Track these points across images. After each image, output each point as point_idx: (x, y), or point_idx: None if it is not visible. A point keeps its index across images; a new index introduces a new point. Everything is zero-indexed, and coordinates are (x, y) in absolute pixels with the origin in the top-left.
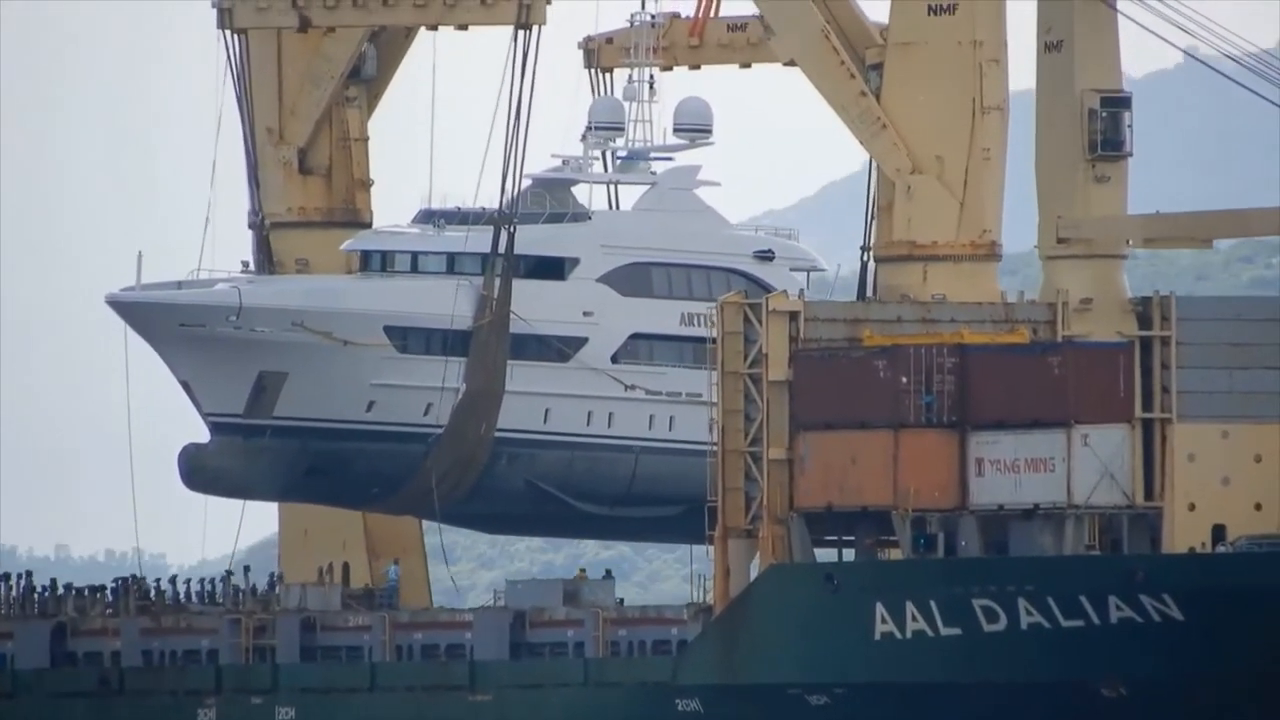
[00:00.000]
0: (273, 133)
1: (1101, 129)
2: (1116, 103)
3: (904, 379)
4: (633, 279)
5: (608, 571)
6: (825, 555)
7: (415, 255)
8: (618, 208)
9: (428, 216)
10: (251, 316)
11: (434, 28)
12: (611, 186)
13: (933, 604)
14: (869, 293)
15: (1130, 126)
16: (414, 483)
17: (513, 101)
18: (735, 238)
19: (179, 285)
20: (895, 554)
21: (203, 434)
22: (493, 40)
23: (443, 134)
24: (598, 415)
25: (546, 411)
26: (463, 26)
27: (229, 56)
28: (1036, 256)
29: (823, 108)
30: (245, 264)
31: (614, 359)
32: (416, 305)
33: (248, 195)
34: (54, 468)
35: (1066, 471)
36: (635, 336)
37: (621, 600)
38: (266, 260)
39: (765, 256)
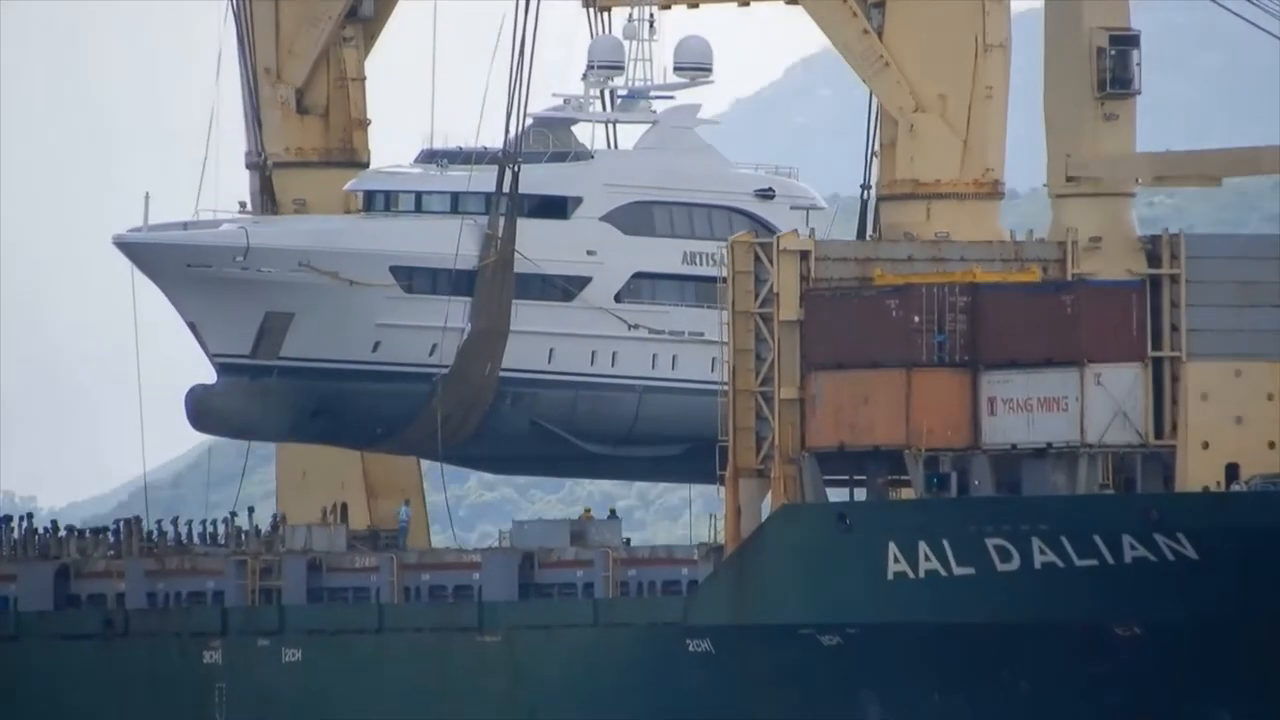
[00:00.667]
0: (270, 73)
1: (1110, 67)
2: (1125, 40)
3: (916, 318)
4: (635, 218)
5: (612, 511)
6: (836, 495)
7: (419, 195)
8: (616, 147)
9: (430, 156)
10: (258, 257)
11: None
12: (610, 126)
13: (946, 543)
14: (869, 230)
15: (1139, 65)
16: (419, 423)
17: (516, 40)
18: (736, 176)
19: (184, 226)
20: (907, 494)
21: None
22: None
23: (441, 73)
24: (601, 354)
25: (551, 351)
26: None
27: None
28: (1033, 194)
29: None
30: (243, 204)
31: (617, 298)
32: (422, 245)
33: (245, 135)
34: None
35: (1079, 410)
36: (638, 275)
37: (628, 540)
38: (269, 201)
39: (766, 195)
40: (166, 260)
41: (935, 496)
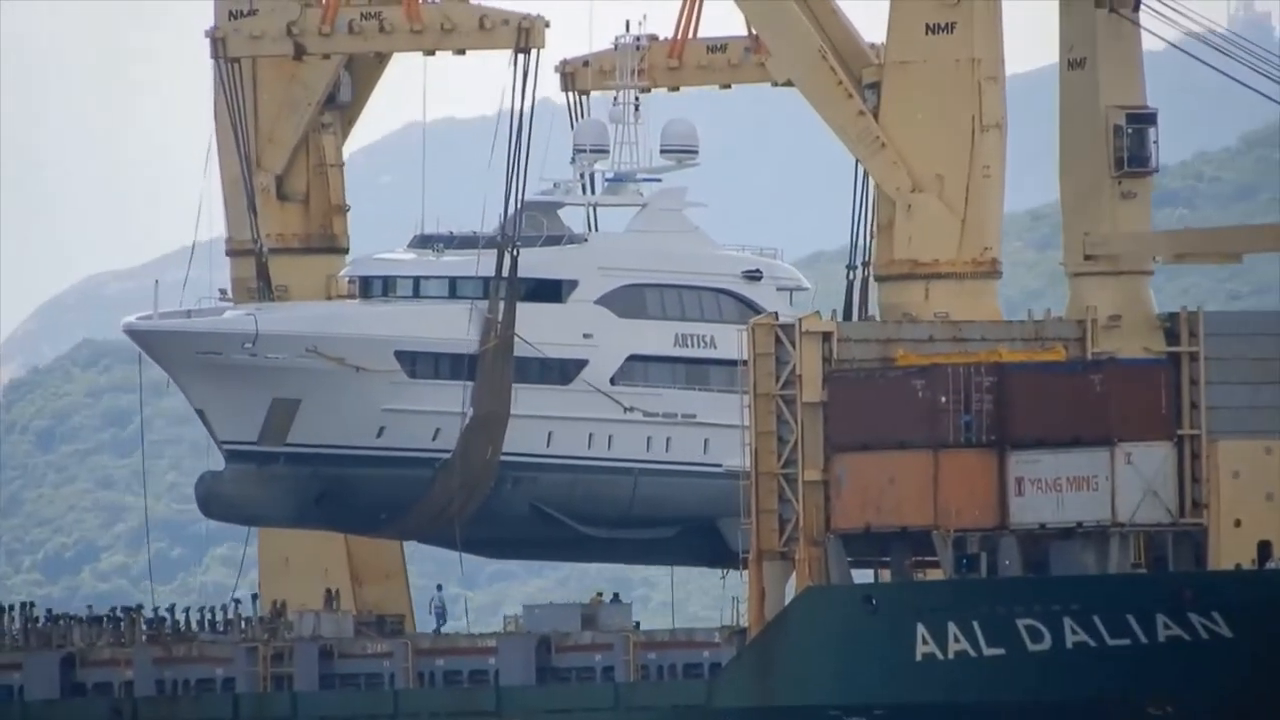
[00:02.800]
0: (249, 160)
1: (1127, 145)
2: (1142, 119)
3: (942, 398)
4: (628, 300)
5: (615, 595)
6: (860, 577)
7: (417, 280)
8: (597, 230)
9: (424, 241)
10: (266, 343)
11: (431, 53)
12: (592, 209)
13: (975, 624)
14: (855, 312)
15: (1156, 142)
16: (422, 507)
17: (513, 124)
18: (724, 258)
19: (189, 314)
20: (934, 574)
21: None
22: (476, 64)
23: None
24: (598, 437)
25: (550, 434)
26: (460, 51)
27: (223, 83)
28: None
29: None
30: (223, 292)
31: (612, 380)
32: (428, 330)
33: (224, 223)
34: None
35: (1110, 490)
36: (633, 358)
37: (637, 624)
38: (265, 287)
39: (754, 276)
40: (177, 348)
41: (965, 577)
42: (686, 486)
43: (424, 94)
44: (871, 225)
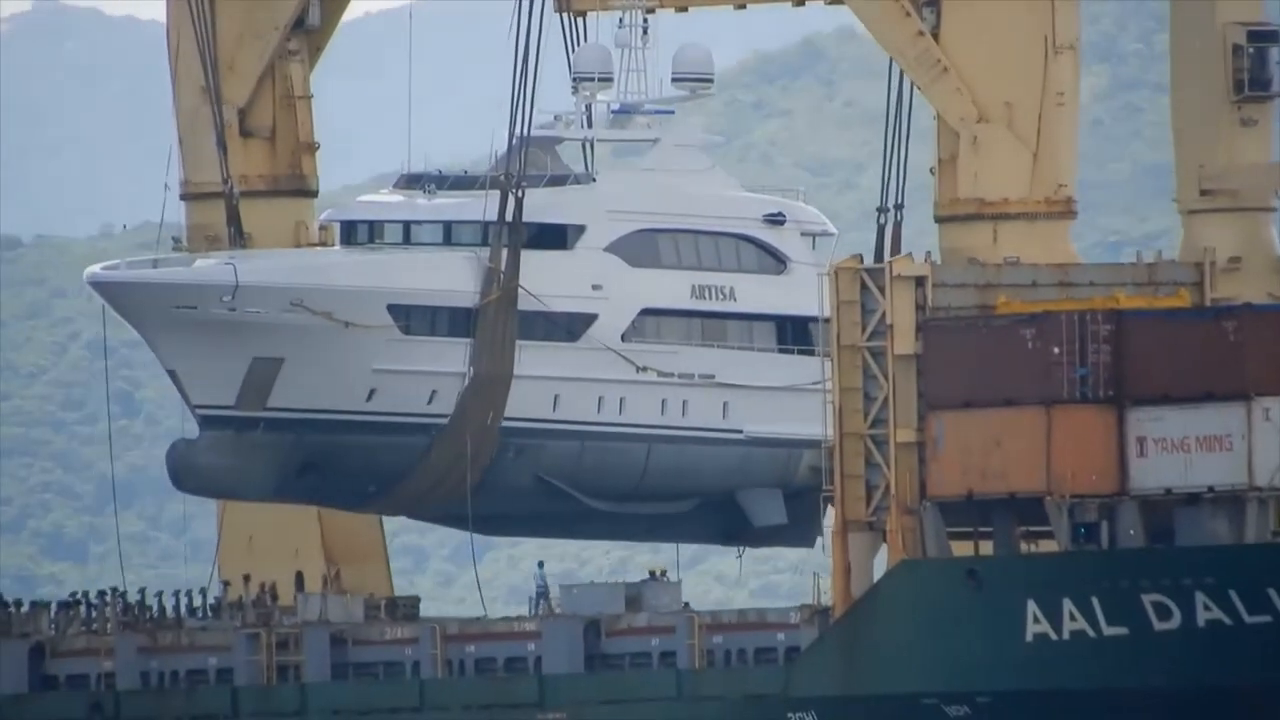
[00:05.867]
0: (207, 92)
1: (1248, 66)
2: (1264, 37)
3: (1055, 349)
4: (641, 248)
5: (664, 572)
6: (958, 550)
7: (407, 225)
8: (593, 168)
9: (412, 181)
10: (246, 296)
11: None
12: (592, 145)
13: (1094, 600)
14: (886, 258)
15: (1279, 64)
16: (415, 479)
17: (518, 53)
18: (745, 200)
19: (154, 264)
20: (1047, 546)
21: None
22: None
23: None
24: (609, 400)
25: (556, 398)
26: None
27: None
28: None
29: None
30: (176, 240)
31: (624, 337)
32: (425, 281)
33: (180, 164)
34: None
35: (1247, 450)
36: (646, 312)
37: (686, 604)
38: (238, 233)
39: (776, 220)
40: (148, 301)
41: (1081, 548)
42: (704, 455)
43: (409, 16)
44: (903, 162)
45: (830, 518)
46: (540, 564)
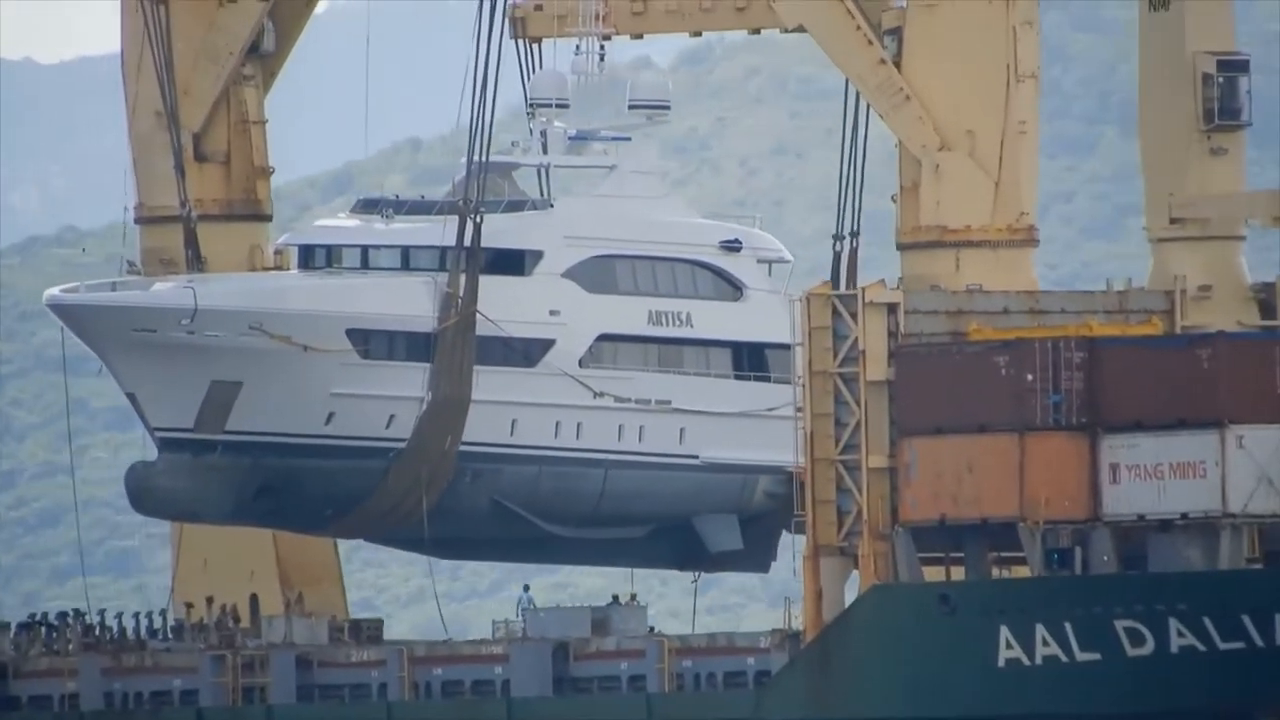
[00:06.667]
0: (161, 116)
1: (1218, 95)
2: (1234, 66)
3: (1029, 376)
4: (599, 274)
5: (633, 596)
6: (928, 576)
7: (365, 249)
8: (548, 194)
9: (368, 205)
10: (205, 320)
11: None
12: (545, 171)
13: (1067, 626)
14: (843, 288)
15: (1249, 93)
16: (372, 503)
17: (477, 77)
18: (701, 227)
19: (113, 286)
20: (1019, 571)
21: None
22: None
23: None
24: (566, 425)
25: (513, 422)
26: None
27: (148, 24)
28: None
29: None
30: (131, 264)
31: (581, 363)
32: (384, 305)
33: (134, 188)
34: None
35: (1220, 476)
36: (603, 338)
37: (652, 628)
38: (195, 257)
39: (732, 247)
40: (107, 324)
41: (1055, 574)
42: (661, 480)
43: (367, 40)
44: (858, 188)
45: (796, 544)
46: (526, 587)
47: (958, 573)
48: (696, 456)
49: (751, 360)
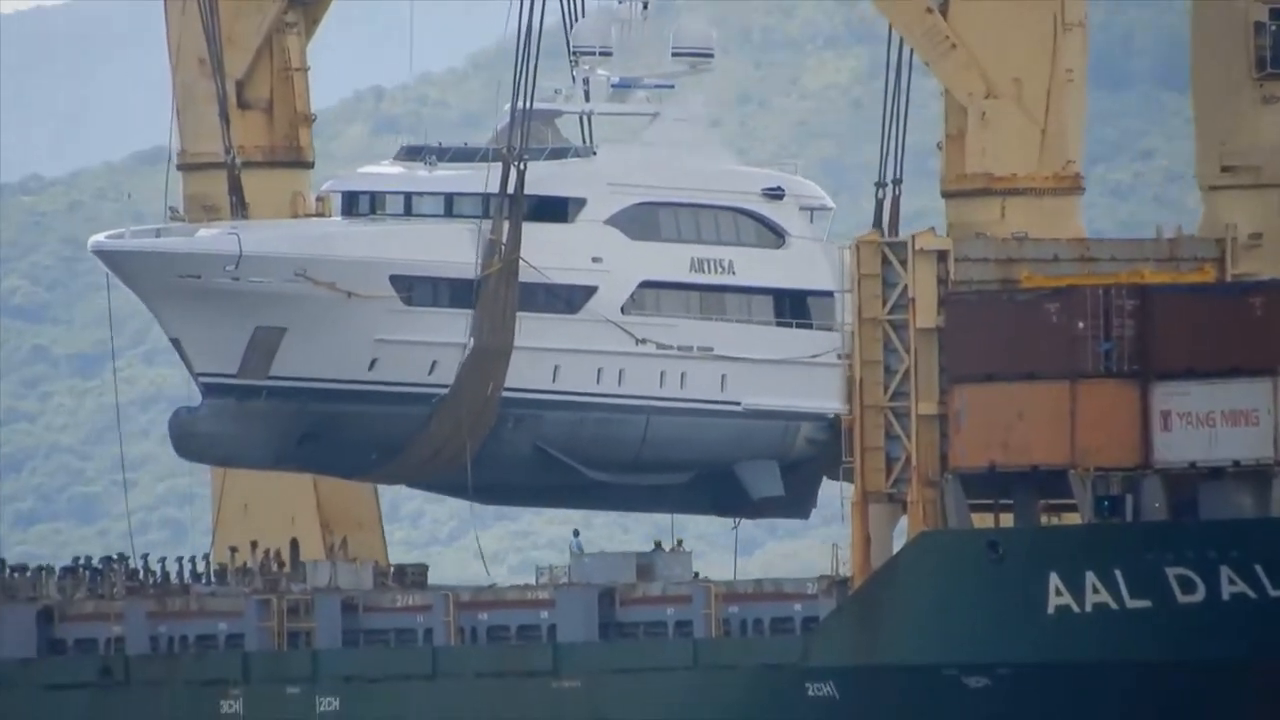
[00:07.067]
0: (204, 63)
1: (1270, 44)
2: None
3: (1080, 323)
4: (641, 221)
5: (657, 544)
6: (977, 522)
7: (409, 196)
8: (591, 141)
9: (412, 153)
10: (250, 265)
11: None
12: (587, 119)
13: (1118, 573)
14: (885, 235)
15: None
16: (415, 448)
17: (521, 25)
18: (744, 174)
19: (158, 233)
20: (1069, 518)
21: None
22: None
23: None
24: (608, 372)
25: (555, 369)
26: None
27: None
28: None
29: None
30: (173, 210)
31: (623, 310)
32: (427, 252)
33: (178, 134)
34: None
35: (1273, 424)
36: (645, 284)
37: (697, 574)
38: (239, 203)
39: (775, 194)
40: (153, 270)
41: (1105, 521)
42: (702, 427)
43: None
44: (901, 135)
45: (841, 490)
46: (576, 532)
47: (1006, 520)
48: (738, 403)
49: (793, 307)
